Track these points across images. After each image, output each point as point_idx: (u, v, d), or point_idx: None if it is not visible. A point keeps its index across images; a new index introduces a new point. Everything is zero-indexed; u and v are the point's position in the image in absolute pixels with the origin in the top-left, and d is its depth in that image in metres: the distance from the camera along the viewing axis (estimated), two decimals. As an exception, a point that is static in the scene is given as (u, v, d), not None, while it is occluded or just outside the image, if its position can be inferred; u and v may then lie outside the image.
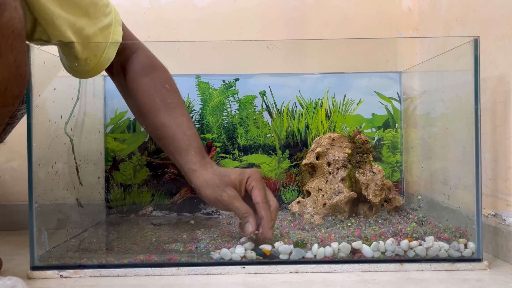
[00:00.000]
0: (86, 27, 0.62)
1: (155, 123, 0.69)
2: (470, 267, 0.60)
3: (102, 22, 0.64)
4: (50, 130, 0.67)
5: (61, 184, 0.70)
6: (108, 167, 0.88)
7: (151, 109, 0.69)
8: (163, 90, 0.70)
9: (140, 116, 0.74)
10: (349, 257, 0.61)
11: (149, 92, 0.70)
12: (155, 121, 0.69)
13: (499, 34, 0.67)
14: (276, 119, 0.89)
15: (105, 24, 0.65)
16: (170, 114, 0.69)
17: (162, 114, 0.69)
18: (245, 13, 0.96)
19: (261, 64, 0.91)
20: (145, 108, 0.70)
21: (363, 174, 0.71)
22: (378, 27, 0.97)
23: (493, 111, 0.68)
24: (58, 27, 0.59)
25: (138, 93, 0.70)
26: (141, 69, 0.71)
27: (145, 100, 0.70)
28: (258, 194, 0.63)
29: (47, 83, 0.66)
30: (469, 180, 0.64)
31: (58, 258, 0.62)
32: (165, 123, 0.68)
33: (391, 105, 0.89)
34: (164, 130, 0.69)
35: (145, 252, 0.63)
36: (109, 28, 0.66)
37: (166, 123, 0.68)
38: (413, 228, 0.64)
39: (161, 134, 0.69)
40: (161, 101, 0.69)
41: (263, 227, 0.61)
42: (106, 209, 0.88)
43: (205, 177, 0.66)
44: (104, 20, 0.65)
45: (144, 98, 0.70)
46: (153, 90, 0.70)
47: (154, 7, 0.96)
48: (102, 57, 0.65)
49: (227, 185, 0.64)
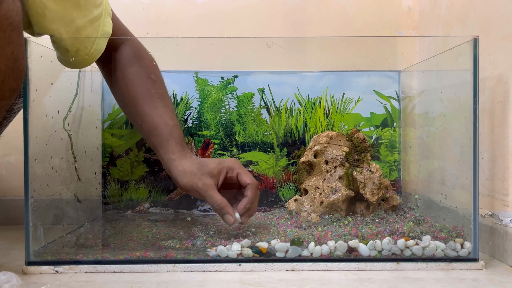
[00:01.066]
0: (76, 19, 0.62)
1: (138, 112, 0.70)
2: (466, 266, 0.60)
3: (93, 13, 0.64)
4: (47, 125, 0.66)
5: (57, 179, 0.70)
6: (105, 163, 0.88)
7: (135, 98, 0.70)
8: (148, 80, 0.71)
9: (124, 104, 0.74)
10: (346, 255, 0.61)
11: (135, 82, 0.70)
12: (138, 110, 0.70)
13: (499, 34, 0.66)
14: (275, 117, 0.89)
15: (95, 15, 0.64)
16: (154, 103, 0.70)
17: (145, 103, 0.69)
18: (245, 10, 0.96)
19: (260, 61, 0.90)
20: (130, 97, 0.71)
21: (360, 173, 0.71)
22: (378, 26, 0.97)
23: (491, 111, 0.68)
24: (48, 20, 0.59)
25: (123, 81, 0.71)
26: (129, 58, 0.71)
27: (130, 89, 0.70)
28: (247, 177, 0.66)
29: (45, 77, 0.66)
30: (466, 180, 0.64)
31: (53, 253, 0.61)
32: (147, 112, 0.69)
33: (390, 104, 0.89)
34: (147, 119, 0.69)
35: (141, 248, 0.63)
36: (99, 20, 0.65)
37: (149, 112, 0.69)
38: (410, 227, 0.64)
39: (144, 123, 0.70)
40: (146, 90, 0.70)
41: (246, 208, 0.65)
42: (103, 205, 0.87)
43: (183, 166, 0.67)
44: (95, 11, 0.64)
45: (129, 87, 0.70)
46: (138, 80, 0.70)
47: (153, 3, 0.95)
48: (92, 49, 0.65)
49: (204, 173, 0.66)
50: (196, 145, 0.89)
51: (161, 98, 0.71)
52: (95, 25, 0.65)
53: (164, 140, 0.68)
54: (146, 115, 0.69)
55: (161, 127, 0.69)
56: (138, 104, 0.70)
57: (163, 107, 0.70)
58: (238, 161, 0.69)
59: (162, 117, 0.69)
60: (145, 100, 0.70)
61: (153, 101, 0.70)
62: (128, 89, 0.71)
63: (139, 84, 0.70)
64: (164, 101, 0.71)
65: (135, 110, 0.71)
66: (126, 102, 0.72)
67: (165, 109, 0.70)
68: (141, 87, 0.70)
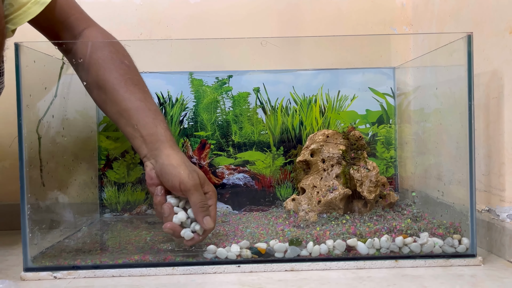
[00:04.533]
0: None
1: (114, 98, 0.65)
2: (465, 262, 0.61)
3: None
4: (41, 130, 0.66)
5: (53, 184, 0.69)
6: (102, 165, 0.88)
7: (109, 83, 0.65)
8: (122, 65, 0.67)
9: (97, 92, 0.68)
10: (344, 254, 0.61)
11: (107, 66, 0.66)
12: (114, 96, 0.65)
13: (492, 29, 0.67)
14: (270, 116, 0.89)
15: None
16: (131, 88, 0.65)
17: (121, 88, 0.65)
18: (238, 9, 0.96)
19: (255, 60, 0.90)
20: (102, 83, 0.66)
21: (357, 171, 0.71)
22: (371, 23, 0.96)
23: (486, 107, 0.68)
24: None
25: (94, 67, 0.66)
26: (96, 43, 0.68)
27: (102, 75, 0.66)
28: (214, 216, 0.62)
29: (38, 82, 0.65)
30: (463, 176, 0.64)
31: (51, 259, 0.61)
32: (126, 97, 0.65)
33: (385, 100, 0.89)
34: (125, 104, 0.64)
35: (140, 252, 0.62)
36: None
37: (127, 97, 0.65)
38: (408, 224, 0.64)
39: (121, 109, 0.65)
40: (121, 75, 0.66)
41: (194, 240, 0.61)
42: (100, 208, 0.87)
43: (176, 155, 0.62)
44: None
45: (101, 72, 0.66)
46: (111, 64, 0.66)
47: (146, 3, 0.95)
48: (21, 10, 0.62)
49: (195, 170, 0.62)
50: (192, 146, 0.88)
51: (137, 84, 0.67)
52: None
53: (150, 123, 0.64)
54: (123, 100, 0.65)
55: (145, 112, 0.64)
56: (114, 90, 0.65)
57: (141, 93, 0.66)
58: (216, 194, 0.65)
59: (144, 102, 0.65)
60: (121, 86, 0.65)
61: (129, 86, 0.65)
62: (100, 75, 0.66)
63: (113, 69, 0.66)
64: (143, 88, 0.67)
65: (110, 97, 0.66)
66: (100, 89, 0.67)
67: (144, 94, 0.66)
68: (115, 72, 0.66)
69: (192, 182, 0.60)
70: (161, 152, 0.63)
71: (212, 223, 0.61)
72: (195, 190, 0.60)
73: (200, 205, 0.60)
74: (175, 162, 0.61)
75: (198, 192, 0.61)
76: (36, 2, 0.63)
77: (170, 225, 0.61)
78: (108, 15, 0.94)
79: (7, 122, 0.91)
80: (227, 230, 0.70)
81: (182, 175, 0.60)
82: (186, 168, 0.61)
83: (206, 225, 0.60)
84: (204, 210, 0.61)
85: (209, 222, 0.60)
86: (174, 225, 0.61)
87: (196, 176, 0.61)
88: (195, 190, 0.60)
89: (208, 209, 0.61)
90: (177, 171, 0.61)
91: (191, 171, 0.61)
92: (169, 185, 0.62)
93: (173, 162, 0.61)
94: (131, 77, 0.66)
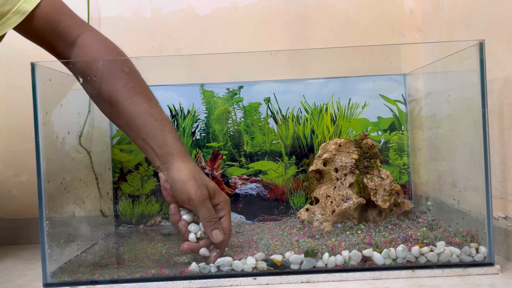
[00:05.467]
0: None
1: (120, 112, 0.63)
2: (483, 271, 0.60)
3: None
4: (58, 146, 0.67)
5: (70, 199, 0.71)
6: (116, 178, 0.89)
7: (111, 96, 0.63)
8: (123, 74, 0.63)
9: (103, 105, 0.66)
10: (360, 265, 0.61)
11: (107, 78, 0.63)
12: (119, 110, 0.63)
13: (504, 35, 0.66)
14: (282, 125, 0.89)
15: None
16: (134, 100, 0.62)
17: (125, 101, 0.62)
18: (247, 20, 0.96)
19: (265, 70, 0.91)
20: (106, 96, 0.63)
21: (371, 180, 0.71)
22: (380, 29, 0.96)
23: (500, 113, 0.68)
24: None
25: (96, 81, 0.63)
26: (92, 51, 0.64)
27: (104, 87, 0.63)
28: (229, 226, 0.62)
29: (54, 99, 0.66)
30: (478, 182, 0.64)
31: (70, 274, 0.62)
32: (131, 110, 0.62)
33: (397, 107, 0.89)
34: (132, 117, 0.62)
35: (157, 265, 0.63)
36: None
37: (133, 110, 0.62)
38: (423, 233, 0.64)
39: (129, 122, 0.63)
40: (123, 86, 0.62)
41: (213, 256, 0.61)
42: (115, 220, 0.88)
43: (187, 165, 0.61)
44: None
45: (103, 84, 0.63)
46: (110, 76, 0.63)
47: (156, 17, 0.96)
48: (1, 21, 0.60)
49: (204, 183, 0.62)
50: (205, 157, 0.89)
51: (141, 92, 0.63)
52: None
53: (158, 135, 0.62)
54: (129, 113, 0.62)
55: (151, 123, 0.62)
56: (118, 102, 0.62)
57: (146, 102, 0.63)
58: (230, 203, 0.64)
59: (149, 113, 0.62)
60: (124, 97, 0.62)
61: (133, 97, 0.62)
62: (102, 88, 0.63)
63: (113, 80, 0.62)
64: (147, 95, 0.64)
65: (116, 111, 0.63)
66: (105, 103, 0.64)
67: (149, 103, 0.63)
68: (117, 84, 0.62)
69: (199, 198, 0.60)
70: (171, 166, 0.62)
71: (221, 236, 0.61)
72: (202, 205, 0.60)
73: (208, 219, 0.61)
74: (184, 177, 0.61)
75: (206, 207, 0.61)
76: (16, 12, 0.61)
77: (187, 246, 0.61)
78: (119, 30, 0.95)
79: (24, 138, 0.93)
80: (242, 242, 0.70)
81: (190, 191, 0.60)
82: (195, 183, 0.61)
83: (215, 238, 0.61)
84: (213, 224, 0.61)
85: (218, 236, 0.60)
86: (192, 244, 0.62)
87: (204, 190, 0.61)
88: (202, 206, 0.61)
89: (216, 223, 0.61)
90: (185, 187, 0.61)
91: (199, 185, 0.61)
92: (180, 200, 0.62)
93: (182, 177, 0.61)
94: (133, 86, 0.63)
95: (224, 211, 0.63)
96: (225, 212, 0.63)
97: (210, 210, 0.61)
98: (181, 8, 0.96)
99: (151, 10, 0.96)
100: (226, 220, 0.62)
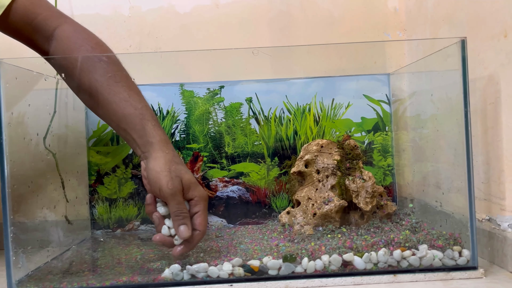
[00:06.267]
0: None
1: (100, 102, 0.62)
2: (466, 275, 0.58)
3: None
4: (25, 148, 0.64)
5: (40, 202, 0.67)
6: (92, 181, 0.86)
7: (92, 87, 0.61)
8: (101, 64, 0.62)
9: (83, 96, 0.65)
10: (341, 270, 0.59)
11: (86, 68, 0.61)
12: (99, 100, 0.61)
13: (487, 33, 0.65)
14: (264, 126, 0.87)
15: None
16: (113, 89, 0.61)
17: (104, 90, 0.61)
18: (229, 18, 0.94)
19: (247, 70, 0.88)
20: (85, 87, 0.62)
21: (353, 182, 0.69)
22: (365, 28, 0.95)
23: (483, 112, 0.66)
24: None
25: (74, 71, 0.62)
26: (70, 43, 0.63)
27: (83, 78, 0.62)
28: (202, 223, 0.60)
29: (21, 99, 0.63)
30: (461, 183, 0.62)
31: (37, 282, 0.59)
32: (110, 99, 0.61)
33: (381, 107, 0.87)
34: (111, 107, 0.61)
35: (129, 272, 0.60)
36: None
37: (112, 100, 0.61)
38: (406, 236, 0.62)
39: (109, 112, 0.62)
40: (101, 76, 0.61)
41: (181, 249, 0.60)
42: (91, 225, 0.85)
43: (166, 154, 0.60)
44: None
45: (82, 75, 0.62)
46: (89, 66, 0.62)
47: (134, 15, 0.93)
48: None
49: (178, 176, 0.60)
50: (185, 158, 0.87)
51: (120, 81, 0.62)
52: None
53: (138, 124, 0.61)
54: (108, 103, 0.61)
55: (130, 112, 0.61)
56: (97, 93, 0.61)
57: (125, 91, 0.62)
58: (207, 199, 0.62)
59: (129, 102, 0.61)
60: (103, 88, 0.61)
61: (112, 86, 0.61)
62: (81, 79, 0.62)
63: (91, 71, 0.61)
64: (127, 84, 0.63)
65: (94, 101, 0.62)
66: (84, 94, 0.63)
67: (128, 92, 0.62)
68: (95, 73, 0.61)
69: (169, 190, 0.58)
70: (150, 155, 0.61)
71: (187, 232, 0.59)
72: (172, 198, 0.59)
73: (176, 213, 0.59)
74: (158, 167, 0.59)
75: (175, 200, 0.59)
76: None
77: (159, 237, 0.60)
78: (96, 28, 0.92)
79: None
80: (220, 246, 0.68)
81: (162, 182, 0.59)
82: (168, 174, 0.59)
83: (181, 234, 0.59)
84: (181, 219, 0.59)
85: (184, 232, 0.59)
86: (163, 237, 0.60)
87: (176, 183, 0.59)
88: (172, 198, 0.59)
89: (185, 218, 0.59)
90: (158, 178, 0.59)
91: (173, 177, 0.59)
92: (153, 190, 0.61)
93: (156, 167, 0.59)
94: (112, 75, 0.62)
95: (198, 207, 0.61)
96: (200, 208, 0.61)
97: (180, 204, 0.59)
98: (161, 6, 0.93)
99: (130, 8, 0.93)
100: (200, 216, 0.60)
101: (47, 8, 0.65)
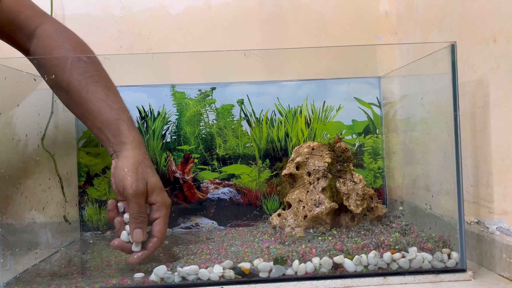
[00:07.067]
0: None
1: (77, 100, 0.62)
2: (455, 278, 0.59)
3: None
4: (14, 149, 0.63)
5: (28, 204, 0.67)
6: (82, 182, 0.85)
7: (70, 86, 0.62)
8: (80, 63, 0.63)
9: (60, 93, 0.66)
10: (331, 272, 0.59)
11: (65, 67, 0.62)
12: (75, 98, 0.62)
13: (476, 37, 0.65)
14: (255, 128, 0.87)
15: None
16: (91, 88, 0.62)
17: (82, 89, 0.62)
18: (221, 20, 0.94)
19: (238, 72, 0.88)
20: (63, 85, 0.63)
21: (344, 184, 0.70)
22: (356, 31, 0.95)
23: (472, 116, 0.67)
24: None
25: (52, 69, 0.63)
26: (51, 42, 0.64)
27: (61, 76, 0.62)
28: (161, 230, 0.60)
29: (9, 99, 0.62)
30: (451, 186, 0.63)
31: (25, 284, 0.58)
32: (87, 99, 0.62)
33: (371, 110, 0.88)
34: (88, 106, 0.62)
35: (118, 275, 0.60)
36: None
37: (89, 99, 0.62)
38: (396, 238, 0.62)
39: (85, 111, 0.62)
40: (80, 75, 0.62)
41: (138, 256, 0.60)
42: (81, 226, 0.84)
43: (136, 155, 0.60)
44: None
45: (60, 73, 0.62)
46: (69, 65, 0.63)
47: (125, 15, 0.93)
48: None
49: (144, 178, 0.60)
50: (175, 160, 0.86)
51: (99, 81, 0.63)
52: None
53: (113, 124, 0.61)
54: (85, 102, 0.62)
55: (106, 112, 0.61)
56: (75, 91, 0.62)
57: (103, 91, 0.63)
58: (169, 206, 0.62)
59: (105, 102, 0.62)
60: (81, 87, 0.62)
61: (90, 86, 0.62)
62: (59, 77, 0.62)
63: (71, 69, 0.62)
64: (104, 84, 0.64)
65: (72, 99, 0.63)
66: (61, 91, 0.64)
67: (106, 92, 0.63)
68: (74, 72, 0.62)
69: (132, 191, 0.58)
70: (121, 154, 0.61)
71: (141, 236, 0.59)
72: (133, 199, 0.58)
73: (134, 216, 0.59)
74: (126, 166, 0.59)
75: (136, 202, 0.59)
76: None
77: (118, 242, 0.60)
78: (87, 28, 0.92)
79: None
80: (211, 249, 0.68)
81: (126, 182, 0.58)
82: (135, 175, 0.59)
83: (134, 238, 0.59)
84: (138, 222, 0.59)
85: (137, 236, 0.58)
86: (122, 242, 0.60)
87: (141, 185, 0.59)
88: (133, 200, 0.58)
89: (142, 222, 0.59)
90: (123, 177, 0.59)
91: (139, 178, 0.59)
92: (116, 189, 0.60)
93: (124, 166, 0.59)
94: (91, 75, 0.63)
95: (159, 213, 0.60)
96: (161, 215, 0.60)
97: (140, 207, 0.59)
98: (152, 7, 0.93)
99: (121, 8, 0.93)
100: (160, 223, 0.60)
101: (30, 7, 0.65)
